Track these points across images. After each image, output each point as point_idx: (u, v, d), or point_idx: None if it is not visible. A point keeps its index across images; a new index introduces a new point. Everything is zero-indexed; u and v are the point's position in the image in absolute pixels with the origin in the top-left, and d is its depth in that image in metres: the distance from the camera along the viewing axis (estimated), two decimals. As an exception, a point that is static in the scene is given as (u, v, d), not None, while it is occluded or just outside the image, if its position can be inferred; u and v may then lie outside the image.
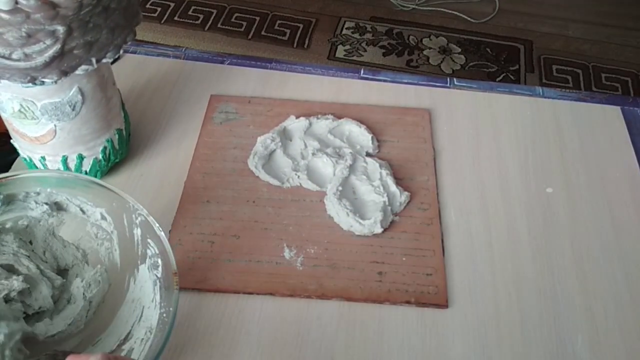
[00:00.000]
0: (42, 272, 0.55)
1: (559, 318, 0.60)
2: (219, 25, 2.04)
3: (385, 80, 0.84)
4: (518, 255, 0.65)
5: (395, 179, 0.70)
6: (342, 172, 0.69)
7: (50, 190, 0.58)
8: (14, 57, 0.52)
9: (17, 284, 0.53)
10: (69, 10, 0.51)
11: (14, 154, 0.70)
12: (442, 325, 0.60)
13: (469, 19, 2.07)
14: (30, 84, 0.55)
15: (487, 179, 0.72)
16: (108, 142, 0.67)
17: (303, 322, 0.60)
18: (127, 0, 0.58)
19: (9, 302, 0.53)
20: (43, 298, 0.54)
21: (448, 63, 1.92)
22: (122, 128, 0.69)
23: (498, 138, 0.77)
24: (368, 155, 0.73)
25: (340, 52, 1.95)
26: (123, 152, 0.71)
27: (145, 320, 0.53)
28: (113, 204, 0.57)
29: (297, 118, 0.76)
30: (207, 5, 2.10)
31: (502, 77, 1.87)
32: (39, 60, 0.53)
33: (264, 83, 0.83)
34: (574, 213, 0.69)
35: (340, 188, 0.68)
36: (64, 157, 0.65)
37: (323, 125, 0.76)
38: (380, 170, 0.70)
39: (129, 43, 0.60)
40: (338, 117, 0.77)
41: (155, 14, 2.06)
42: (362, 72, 0.86)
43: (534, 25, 2.08)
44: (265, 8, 2.10)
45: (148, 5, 2.09)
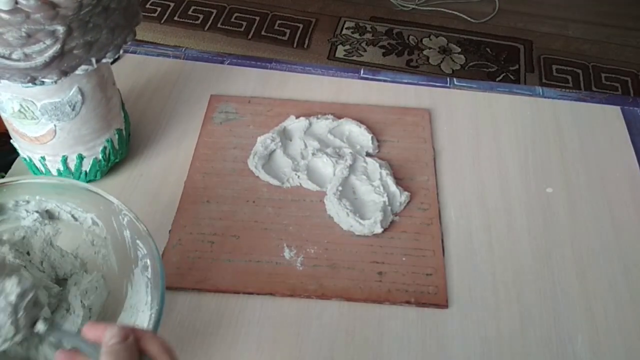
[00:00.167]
0: (38, 282, 0.55)
1: (559, 318, 0.60)
2: (219, 25, 2.03)
3: (385, 80, 0.84)
4: (518, 255, 0.65)
5: (395, 179, 0.70)
6: (342, 172, 0.69)
7: (40, 198, 0.58)
8: (14, 57, 0.52)
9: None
10: (69, 10, 0.51)
11: (14, 154, 0.70)
12: (442, 325, 0.60)
13: (469, 19, 2.07)
14: (30, 84, 0.55)
15: (487, 179, 0.72)
16: (108, 142, 0.67)
17: (303, 322, 0.60)
18: (127, 0, 0.58)
19: None
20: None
21: (448, 63, 1.92)
22: (122, 128, 0.69)
23: (498, 138, 0.77)
24: (368, 155, 0.73)
25: (340, 52, 1.95)
26: (123, 152, 0.71)
27: (140, 324, 0.52)
28: (101, 208, 0.57)
29: (297, 118, 0.76)
30: (207, 5, 2.10)
31: (502, 77, 1.87)
32: (39, 60, 0.53)
33: (264, 83, 0.83)
34: (574, 213, 0.69)
35: (340, 188, 0.68)
36: (64, 157, 0.65)
37: (323, 125, 0.76)
38: (380, 170, 0.70)
39: (129, 43, 0.60)
40: (338, 117, 0.77)
41: (155, 14, 2.06)
42: (362, 72, 0.86)
43: (534, 25, 2.07)
44: (265, 8, 2.10)
45: (148, 5, 2.08)
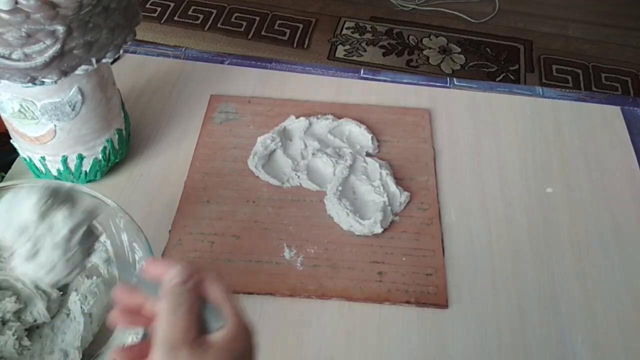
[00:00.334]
0: (37, 286, 0.55)
1: (559, 318, 0.60)
2: (219, 25, 2.03)
3: (385, 80, 0.84)
4: (518, 255, 0.65)
5: (395, 179, 0.70)
6: (342, 172, 0.69)
7: None
8: (14, 57, 0.52)
9: (10, 306, 0.53)
10: (69, 10, 0.51)
11: (14, 154, 0.70)
12: (442, 325, 0.60)
13: (469, 19, 2.07)
14: (30, 84, 0.55)
15: (487, 179, 0.72)
16: (108, 142, 0.67)
17: (303, 322, 0.60)
18: (127, 0, 0.58)
19: (6, 323, 0.52)
20: (37, 311, 0.54)
21: (448, 63, 1.92)
22: (122, 128, 0.69)
23: (498, 138, 0.77)
24: (368, 155, 0.73)
25: (340, 52, 1.95)
26: (123, 152, 0.71)
27: (135, 330, 0.51)
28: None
29: (297, 118, 0.76)
30: (207, 5, 2.10)
31: (502, 77, 1.87)
32: (39, 60, 0.53)
33: (264, 83, 0.83)
34: (574, 213, 0.69)
35: (340, 188, 0.68)
36: (64, 157, 0.65)
37: (323, 125, 0.76)
38: (380, 170, 0.70)
39: (129, 43, 0.60)
40: (338, 117, 0.76)
41: (155, 14, 2.05)
42: (362, 72, 0.86)
43: (534, 25, 2.07)
44: (265, 8, 2.10)
45: (148, 5, 2.08)
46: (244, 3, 2.12)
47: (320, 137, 0.75)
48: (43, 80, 0.55)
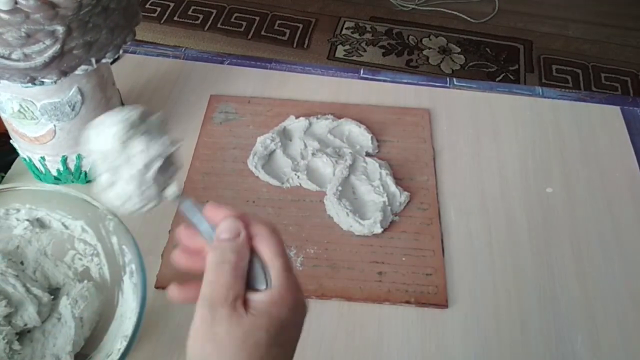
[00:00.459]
0: (28, 290, 0.55)
1: (559, 318, 0.60)
2: (219, 25, 2.03)
3: (385, 80, 0.84)
4: (518, 256, 0.65)
5: (395, 179, 0.70)
6: (341, 172, 0.69)
7: (30, 207, 0.58)
8: (14, 57, 0.52)
9: (0, 310, 0.53)
10: (69, 11, 0.51)
11: (14, 154, 0.70)
12: (442, 325, 0.60)
13: (469, 19, 2.07)
14: (30, 84, 0.55)
15: (487, 179, 0.72)
16: (108, 142, 0.67)
17: (303, 322, 0.60)
18: (126, 1, 0.58)
19: None
20: (28, 315, 0.54)
21: (448, 63, 1.92)
22: (121, 128, 0.69)
23: (498, 138, 0.77)
24: (368, 155, 0.73)
25: (340, 52, 1.95)
26: (123, 152, 0.71)
27: (126, 331, 0.52)
28: (88, 214, 0.57)
29: (296, 118, 0.76)
30: (206, 5, 2.10)
31: (501, 77, 1.87)
32: (39, 61, 0.53)
33: (264, 83, 0.83)
34: (574, 213, 0.69)
35: (340, 188, 0.68)
36: (64, 157, 0.65)
37: (323, 126, 0.75)
38: (380, 170, 0.70)
39: (129, 43, 0.60)
40: (338, 117, 0.76)
41: (155, 14, 2.06)
42: (361, 72, 0.86)
43: (534, 25, 2.07)
44: (265, 8, 2.10)
45: (147, 5, 2.08)
46: (244, 3, 2.12)
47: (320, 137, 0.75)
48: (43, 81, 0.55)
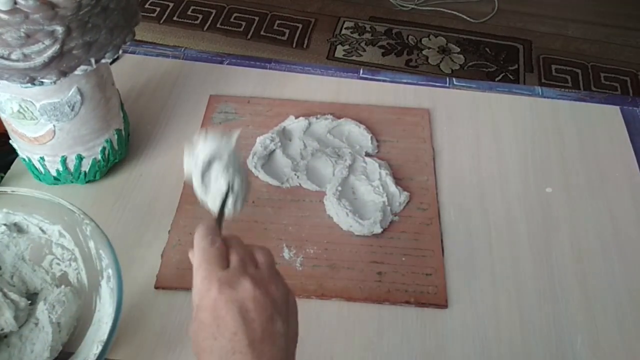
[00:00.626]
0: (5, 295, 0.54)
1: (559, 318, 0.60)
2: (218, 25, 2.03)
3: (385, 80, 0.84)
4: (518, 255, 0.65)
5: (395, 179, 0.70)
6: (341, 172, 0.69)
7: (7, 211, 0.58)
8: (13, 57, 0.52)
9: None
10: (68, 11, 0.51)
11: (13, 155, 0.70)
12: (441, 325, 0.60)
13: (468, 19, 2.07)
14: (29, 85, 0.55)
15: (486, 179, 0.72)
16: (107, 142, 0.67)
17: (303, 322, 0.59)
18: (125, 1, 0.58)
19: None
20: (5, 320, 0.54)
21: (447, 63, 1.92)
22: (121, 128, 0.69)
23: (497, 138, 0.77)
24: (367, 155, 0.73)
25: (340, 52, 1.95)
26: (122, 152, 0.71)
27: (102, 335, 0.51)
28: (65, 218, 0.57)
29: (296, 118, 0.76)
30: (206, 5, 2.10)
31: (501, 76, 1.87)
32: (38, 61, 0.53)
33: (263, 83, 0.83)
34: (574, 213, 0.69)
35: (340, 188, 0.68)
36: (63, 157, 0.65)
37: (322, 126, 0.75)
38: (380, 170, 0.70)
39: (128, 43, 0.60)
40: (337, 117, 0.76)
41: (154, 14, 2.05)
42: (361, 72, 0.86)
43: (533, 25, 2.07)
44: (264, 8, 2.10)
45: (147, 5, 2.08)
46: (243, 3, 2.12)
47: (320, 137, 0.75)
48: (42, 81, 0.55)
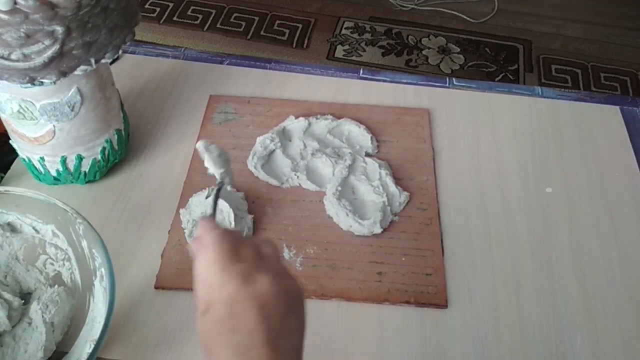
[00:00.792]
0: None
1: (559, 318, 0.60)
2: (218, 25, 2.03)
3: (385, 80, 0.84)
4: (517, 255, 0.65)
5: (395, 179, 0.70)
6: (341, 172, 0.69)
7: (0, 211, 0.58)
8: (13, 57, 0.52)
9: None
10: (68, 11, 0.51)
11: (13, 155, 0.70)
12: (441, 325, 0.60)
13: (468, 19, 2.07)
14: (29, 85, 0.55)
15: (486, 179, 0.72)
16: (107, 142, 0.67)
17: (303, 322, 0.60)
18: (125, 1, 0.58)
19: None
20: None
21: (447, 63, 1.92)
22: (121, 128, 0.69)
23: (497, 138, 0.77)
24: (367, 155, 0.73)
25: (340, 52, 1.95)
26: (122, 152, 0.71)
27: (95, 335, 0.51)
28: (58, 218, 0.57)
29: (296, 118, 0.76)
30: (206, 5, 2.10)
31: (501, 76, 1.87)
32: (38, 61, 0.53)
33: (263, 83, 0.83)
34: (574, 213, 0.69)
35: (340, 188, 0.68)
36: (63, 157, 0.65)
37: (322, 126, 0.75)
38: (380, 170, 0.70)
39: (128, 43, 0.60)
40: (337, 117, 0.76)
41: (154, 14, 2.05)
42: (361, 72, 0.86)
43: (533, 25, 2.07)
44: (264, 8, 2.10)
45: (147, 6, 2.08)
46: (243, 3, 2.12)
47: (320, 137, 0.75)
48: (42, 81, 0.55)
